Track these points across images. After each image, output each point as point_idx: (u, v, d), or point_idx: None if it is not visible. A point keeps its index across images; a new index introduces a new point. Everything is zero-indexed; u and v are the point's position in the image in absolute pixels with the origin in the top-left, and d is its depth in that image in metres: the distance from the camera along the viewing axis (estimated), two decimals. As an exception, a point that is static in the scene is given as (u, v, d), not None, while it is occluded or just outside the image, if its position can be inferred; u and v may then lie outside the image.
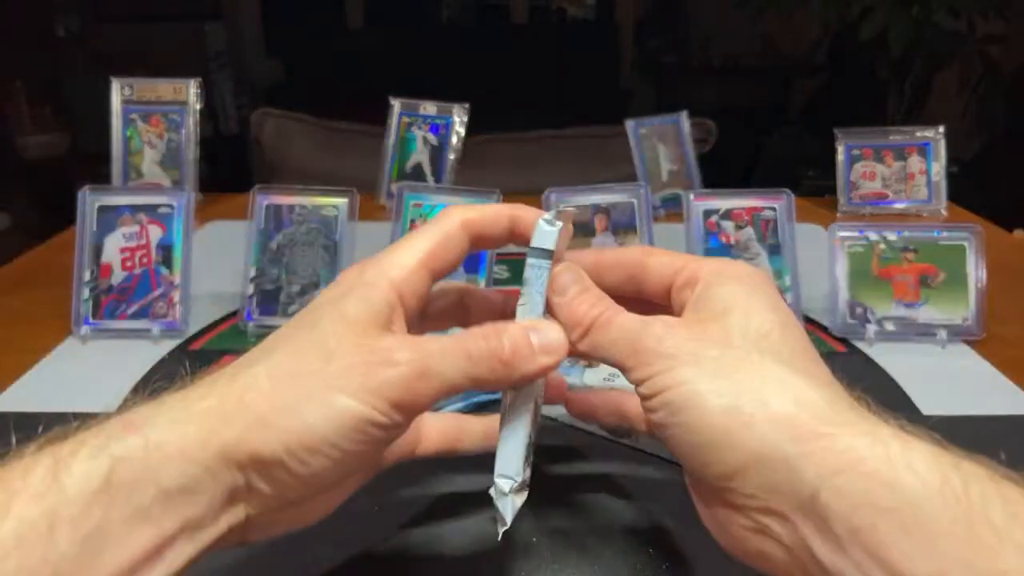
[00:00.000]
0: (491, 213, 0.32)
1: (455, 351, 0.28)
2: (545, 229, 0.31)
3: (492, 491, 0.31)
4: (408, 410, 0.27)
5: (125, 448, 0.24)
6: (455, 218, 0.31)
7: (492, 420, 0.36)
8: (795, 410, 0.25)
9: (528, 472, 0.31)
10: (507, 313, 0.33)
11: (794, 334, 0.28)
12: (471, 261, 0.60)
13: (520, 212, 0.32)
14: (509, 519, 0.31)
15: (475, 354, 0.28)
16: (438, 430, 0.37)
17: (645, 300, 0.33)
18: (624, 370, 0.29)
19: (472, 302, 0.35)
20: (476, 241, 0.32)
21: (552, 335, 0.29)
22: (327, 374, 0.26)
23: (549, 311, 0.31)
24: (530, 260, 0.31)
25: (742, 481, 0.25)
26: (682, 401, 0.26)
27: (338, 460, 0.26)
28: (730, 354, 0.27)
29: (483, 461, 0.42)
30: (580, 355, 0.31)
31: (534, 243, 0.31)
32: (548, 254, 0.31)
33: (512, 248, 0.34)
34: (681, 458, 0.27)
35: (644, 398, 0.28)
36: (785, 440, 0.24)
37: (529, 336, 0.29)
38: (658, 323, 0.28)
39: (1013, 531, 0.20)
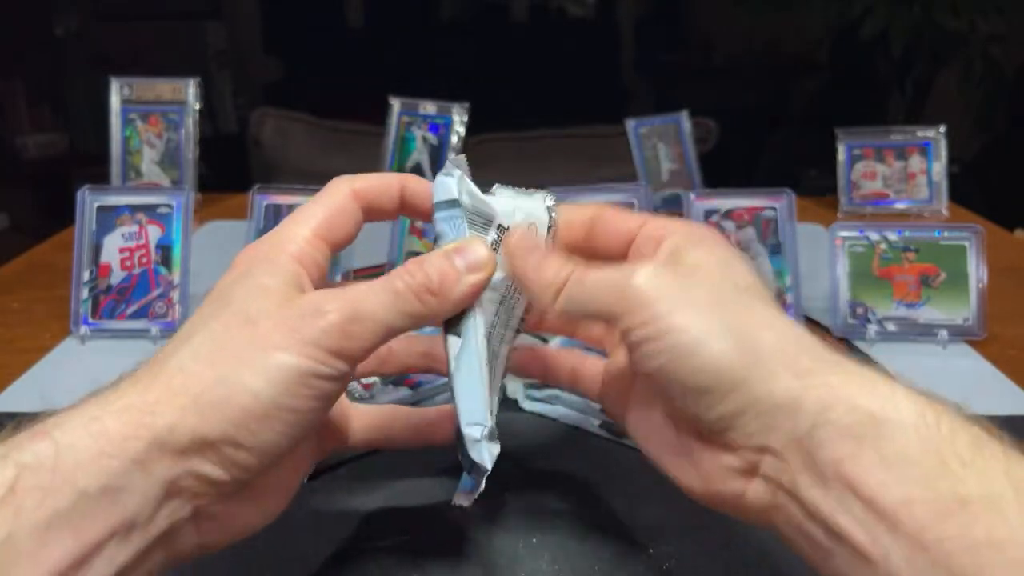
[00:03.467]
0: (380, 182, 0.31)
1: (382, 290, 0.27)
2: (445, 181, 0.30)
3: (464, 442, 0.30)
4: (349, 357, 0.26)
5: (32, 455, 0.22)
6: (343, 188, 0.30)
7: (424, 413, 0.36)
8: (794, 348, 0.26)
9: (493, 421, 0.30)
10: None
11: (769, 290, 0.29)
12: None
13: (410, 181, 0.31)
14: (489, 464, 0.30)
15: (402, 288, 0.28)
16: (368, 422, 0.35)
17: (598, 258, 0.32)
18: (613, 318, 0.27)
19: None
20: (369, 211, 0.31)
21: (477, 251, 0.29)
22: (257, 336, 0.25)
23: (515, 278, 0.30)
24: (438, 215, 0.31)
25: (745, 420, 0.25)
26: (686, 345, 0.26)
27: (289, 423, 0.25)
28: (722, 297, 0.27)
29: (494, 469, 0.42)
30: (559, 322, 0.31)
31: (437, 198, 0.30)
32: (454, 203, 0.30)
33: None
34: (678, 403, 0.27)
35: (641, 343, 0.27)
36: (789, 377, 0.25)
37: (453, 259, 0.29)
38: (641, 268, 0.27)
39: (976, 461, 0.22)
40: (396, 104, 0.96)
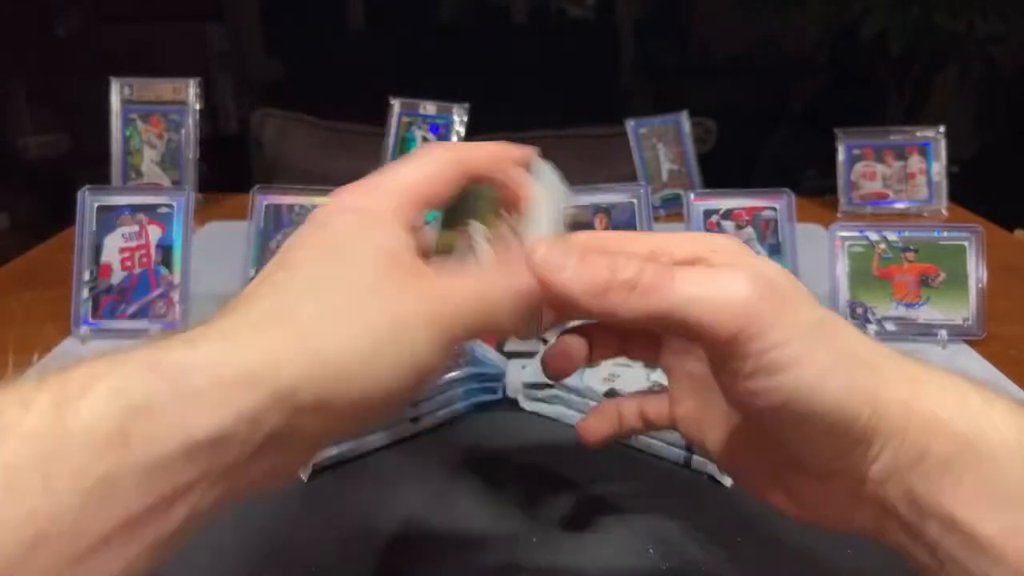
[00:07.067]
0: (485, 156, 0.30)
1: (504, 292, 0.26)
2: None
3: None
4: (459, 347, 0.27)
5: (148, 395, 0.21)
6: (444, 155, 0.29)
7: None
8: (891, 368, 0.25)
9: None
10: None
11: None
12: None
13: (512, 156, 0.31)
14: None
15: (522, 289, 0.26)
16: None
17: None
18: (714, 339, 0.24)
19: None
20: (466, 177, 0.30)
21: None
22: (390, 308, 0.24)
23: (545, 290, 0.27)
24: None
25: (854, 456, 0.24)
26: (809, 384, 0.24)
27: (398, 405, 0.25)
28: (813, 318, 0.25)
29: (495, 469, 0.42)
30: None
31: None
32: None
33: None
34: (789, 441, 0.25)
35: (753, 375, 0.24)
36: (896, 406, 0.24)
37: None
38: (741, 277, 0.24)
39: None
40: (396, 104, 0.97)
